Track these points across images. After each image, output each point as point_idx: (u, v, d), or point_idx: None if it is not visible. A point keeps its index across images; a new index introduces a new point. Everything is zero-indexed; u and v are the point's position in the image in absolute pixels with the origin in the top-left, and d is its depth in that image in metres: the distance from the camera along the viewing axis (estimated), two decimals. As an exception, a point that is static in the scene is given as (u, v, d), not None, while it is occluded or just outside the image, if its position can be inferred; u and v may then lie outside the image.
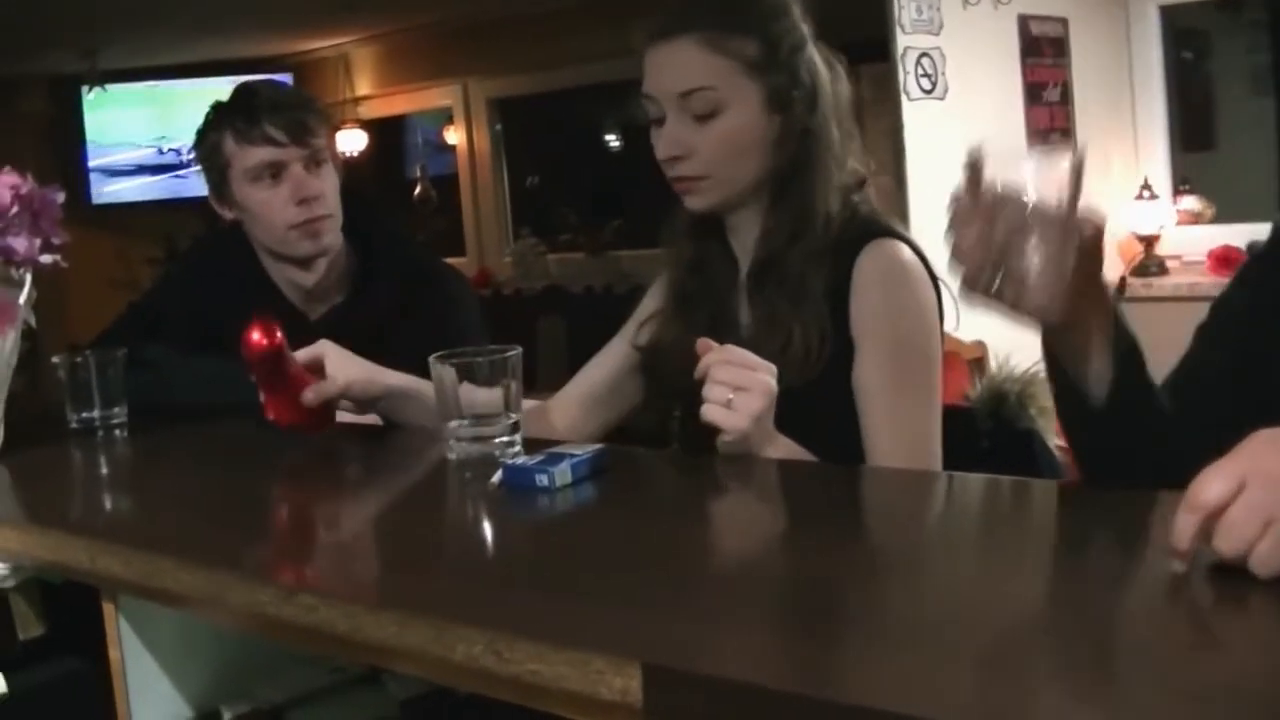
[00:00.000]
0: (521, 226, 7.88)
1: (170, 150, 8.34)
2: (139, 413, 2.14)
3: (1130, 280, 4.97)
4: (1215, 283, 4.80)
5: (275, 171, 2.27)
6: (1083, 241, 1.24)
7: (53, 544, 1.52)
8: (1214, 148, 6.06)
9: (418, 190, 8.26)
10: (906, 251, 1.79)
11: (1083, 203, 1.23)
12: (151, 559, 1.37)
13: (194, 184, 8.23)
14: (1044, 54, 4.79)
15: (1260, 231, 4.82)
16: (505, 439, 1.63)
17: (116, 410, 2.13)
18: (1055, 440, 1.90)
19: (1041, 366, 2.03)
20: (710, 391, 1.58)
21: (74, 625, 1.72)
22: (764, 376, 1.58)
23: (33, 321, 2.10)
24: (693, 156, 1.80)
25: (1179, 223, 5.15)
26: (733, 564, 1.30)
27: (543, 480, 1.48)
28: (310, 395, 1.80)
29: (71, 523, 1.61)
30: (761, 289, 1.84)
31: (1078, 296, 1.27)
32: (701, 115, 1.79)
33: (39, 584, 1.74)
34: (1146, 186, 5.05)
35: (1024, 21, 4.70)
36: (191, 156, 2.42)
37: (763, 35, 1.80)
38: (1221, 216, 5.18)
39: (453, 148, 8.21)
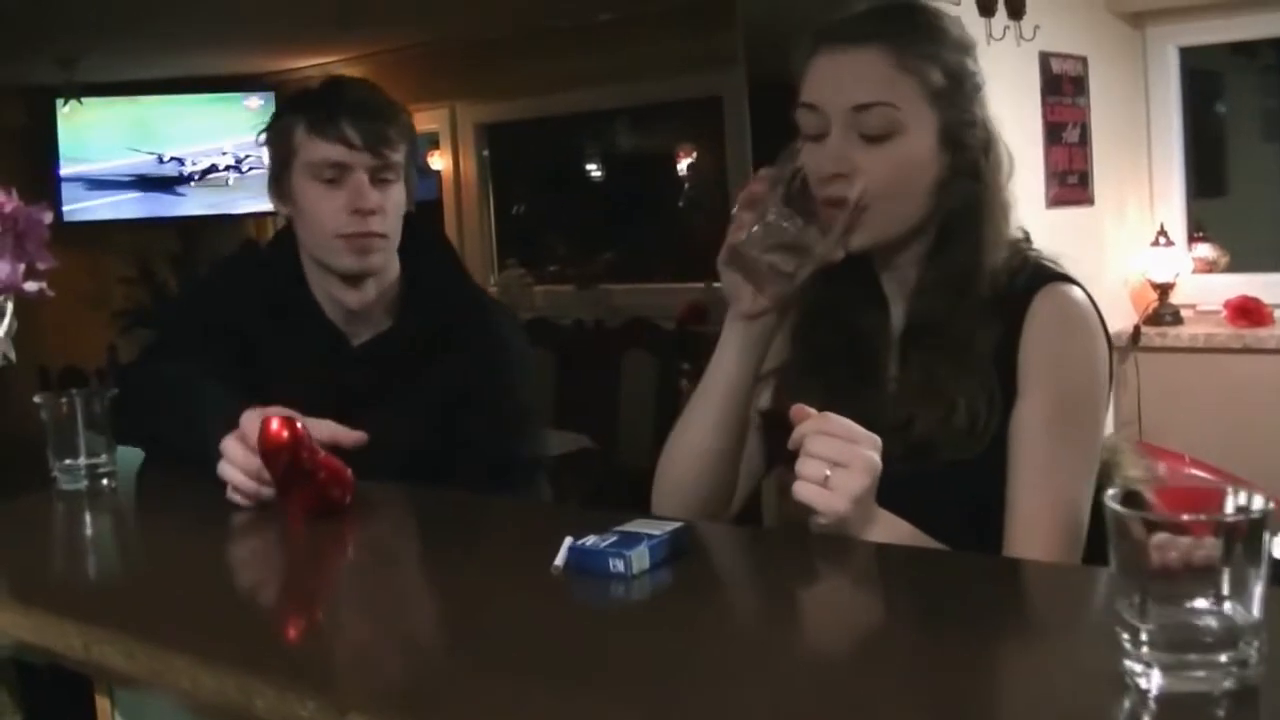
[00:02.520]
0: (507, 257, 7.66)
1: (171, 159, 8.06)
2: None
3: (1145, 329, 4.79)
4: (1233, 334, 4.64)
5: (338, 174, 2.04)
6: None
7: (37, 625, 1.30)
8: (1225, 194, 5.93)
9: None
10: (1083, 296, 1.62)
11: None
12: (161, 654, 1.15)
13: (175, 203, 8.10)
14: (1064, 92, 4.62)
15: (1277, 282, 4.66)
16: None
17: (104, 458, 1.90)
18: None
19: (1125, 434, 1.87)
20: (805, 467, 1.38)
21: (58, 711, 1.50)
22: (867, 451, 1.39)
23: (12, 356, 1.89)
24: (855, 180, 1.58)
25: (1194, 270, 4.99)
26: (851, 672, 1.11)
27: (618, 566, 1.27)
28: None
29: (60, 600, 1.38)
30: (918, 349, 1.64)
31: None
32: (872, 136, 1.57)
33: (16, 664, 1.52)
34: (1163, 233, 4.89)
35: (1045, 59, 4.53)
36: (196, 166, 2.20)
37: (947, 66, 1.60)
38: (1235, 265, 5.03)
39: (436, 173, 8.01)
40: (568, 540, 1.33)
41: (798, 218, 1.52)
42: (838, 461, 1.37)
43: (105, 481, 1.89)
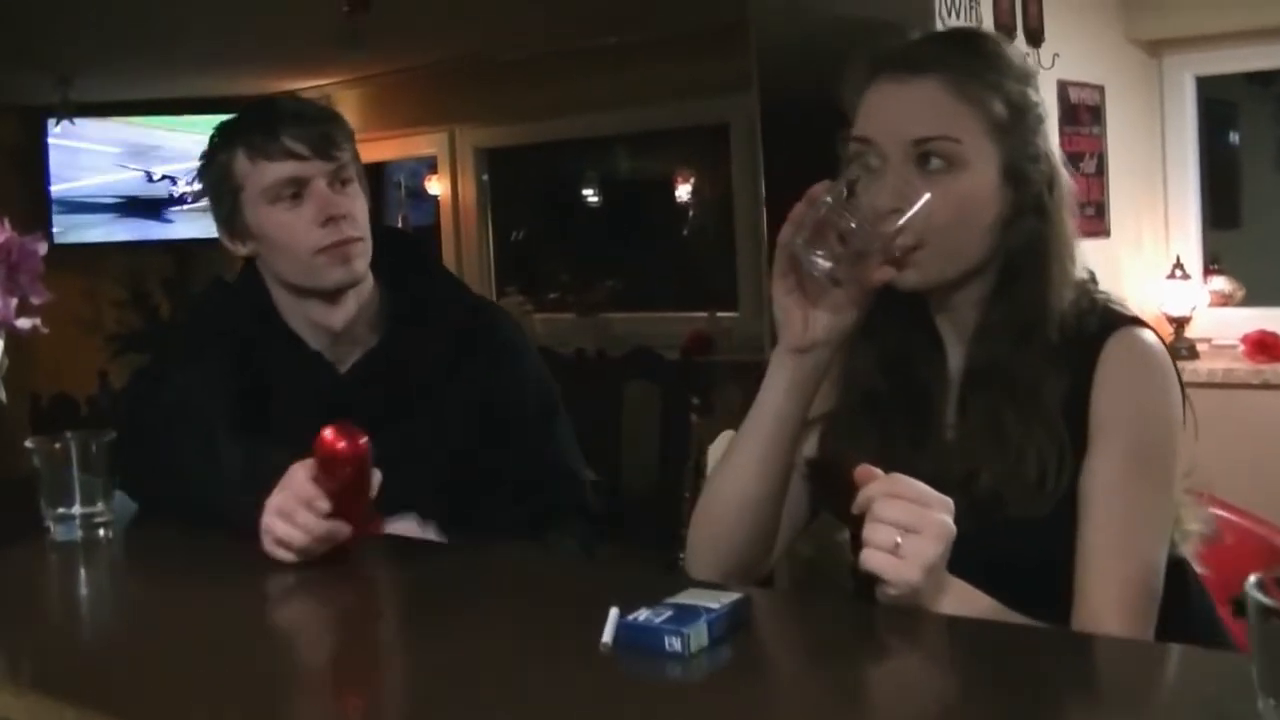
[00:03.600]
0: (506, 284, 7.55)
1: (163, 178, 7.92)
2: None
3: (1161, 364, 4.68)
4: (1251, 369, 4.54)
5: (297, 190, 1.94)
6: None
7: (28, 707, 1.18)
8: (1239, 226, 5.84)
9: (399, 241, 7.92)
10: (1156, 340, 1.51)
11: None
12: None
13: (167, 225, 7.97)
14: (1081, 122, 4.54)
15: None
16: None
17: (101, 506, 1.78)
18: (1199, 567, 1.63)
19: (1184, 484, 1.76)
20: (873, 533, 1.27)
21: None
22: (940, 515, 1.28)
23: (3, 398, 1.77)
24: (904, 213, 1.47)
25: (1210, 304, 4.89)
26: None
27: (674, 644, 1.16)
28: None
29: (54, 676, 1.26)
30: (980, 394, 1.53)
31: None
32: (932, 170, 1.47)
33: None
34: (1179, 265, 4.79)
35: (1064, 87, 4.44)
36: (190, 188, 2.09)
37: (1010, 97, 1.50)
38: (1251, 299, 4.93)
39: (434, 198, 7.90)
40: (614, 613, 1.21)
41: (857, 211, 1.42)
42: (909, 527, 1.27)
43: (102, 532, 1.77)
